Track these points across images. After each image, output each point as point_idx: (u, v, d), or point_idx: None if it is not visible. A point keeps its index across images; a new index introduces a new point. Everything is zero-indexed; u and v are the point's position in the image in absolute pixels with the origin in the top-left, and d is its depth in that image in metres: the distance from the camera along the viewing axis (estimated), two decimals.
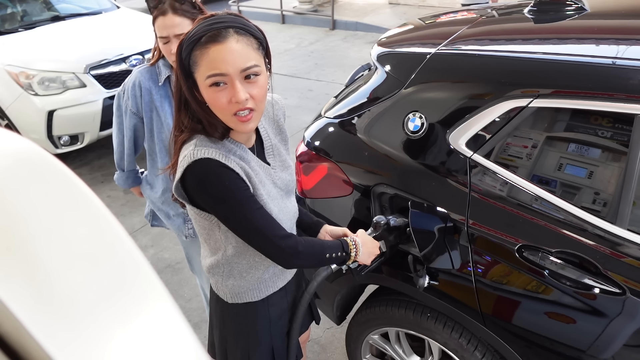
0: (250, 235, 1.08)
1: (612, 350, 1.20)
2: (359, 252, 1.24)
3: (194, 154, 1.01)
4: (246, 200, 1.05)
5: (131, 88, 1.67)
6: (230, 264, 1.18)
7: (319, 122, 1.80)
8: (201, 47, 0.98)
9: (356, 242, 1.24)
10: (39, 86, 3.55)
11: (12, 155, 0.42)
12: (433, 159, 1.46)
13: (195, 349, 0.38)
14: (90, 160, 4.17)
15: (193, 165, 1.01)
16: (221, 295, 1.27)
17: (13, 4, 4.39)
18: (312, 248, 1.15)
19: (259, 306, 1.27)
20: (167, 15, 1.51)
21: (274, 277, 1.26)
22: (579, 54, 1.33)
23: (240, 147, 1.11)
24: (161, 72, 1.65)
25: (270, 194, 1.14)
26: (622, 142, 1.20)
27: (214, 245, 1.17)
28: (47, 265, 0.35)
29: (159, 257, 2.96)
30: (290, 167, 1.26)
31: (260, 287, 1.25)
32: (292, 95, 5.23)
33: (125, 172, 1.89)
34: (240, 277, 1.20)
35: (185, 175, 1.03)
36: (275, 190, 1.18)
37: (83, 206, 0.42)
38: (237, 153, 1.09)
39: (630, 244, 1.15)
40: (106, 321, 0.35)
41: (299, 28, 8.11)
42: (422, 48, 1.63)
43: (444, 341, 1.54)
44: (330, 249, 1.19)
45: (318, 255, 1.17)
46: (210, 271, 1.23)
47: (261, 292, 1.26)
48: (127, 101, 1.70)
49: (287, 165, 1.25)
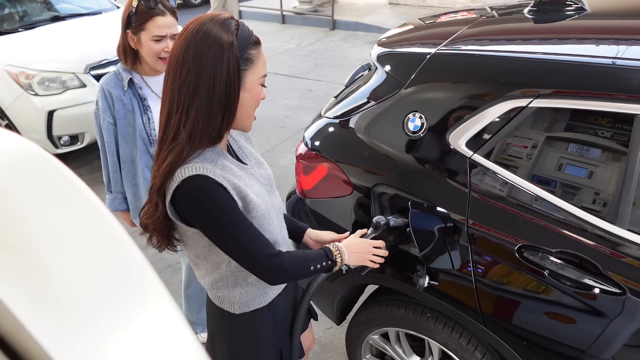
0: (237, 254, 1.08)
1: (612, 350, 1.20)
2: (344, 257, 1.21)
3: (182, 173, 1.00)
4: (235, 218, 1.04)
5: (103, 100, 1.68)
6: (234, 274, 1.17)
7: (319, 122, 1.80)
8: (256, 47, 1.05)
9: (339, 247, 1.22)
10: (39, 86, 3.54)
11: (11, 155, 0.42)
12: (433, 159, 1.46)
13: (195, 349, 0.38)
14: (90, 160, 4.17)
15: (182, 184, 1.00)
16: (226, 308, 1.24)
17: (13, 4, 4.39)
18: (297, 262, 1.14)
19: (265, 312, 1.26)
20: (166, 15, 1.60)
21: None
22: (579, 54, 1.32)
23: (221, 154, 1.10)
24: (123, 77, 1.68)
25: (258, 194, 1.14)
26: (622, 142, 1.20)
27: (216, 260, 1.15)
28: (47, 266, 0.35)
29: (159, 257, 2.97)
30: (263, 163, 1.27)
31: (266, 290, 1.24)
32: (292, 95, 5.23)
33: (113, 193, 1.85)
34: (246, 283, 1.19)
35: (175, 196, 1.02)
36: (261, 188, 1.18)
37: (83, 206, 0.42)
38: (218, 162, 1.07)
39: (630, 244, 1.15)
40: (107, 322, 0.35)
41: (299, 28, 8.11)
42: (422, 48, 1.63)
43: (444, 341, 1.54)
44: (314, 260, 1.17)
45: (303, 269, 1.16)
46: (214, 287, 1.20)
47: (267, 297, 1.25)
48: (102, 114, 1.70)
49: (260, 161, 1.26)
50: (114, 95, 1.67)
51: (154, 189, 1.05)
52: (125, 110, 1.68)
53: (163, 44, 1.61)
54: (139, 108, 1.69)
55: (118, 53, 1.69)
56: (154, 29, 1.58)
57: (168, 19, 1.60)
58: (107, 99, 1.68)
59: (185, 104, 1.00)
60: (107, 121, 1.70)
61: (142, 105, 1.69)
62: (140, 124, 1.68)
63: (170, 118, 1.02)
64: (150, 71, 1.72)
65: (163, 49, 1.61)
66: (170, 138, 1.02)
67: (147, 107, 1.69)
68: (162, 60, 1.63)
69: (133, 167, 1.76)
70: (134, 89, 1.69)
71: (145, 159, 1.72)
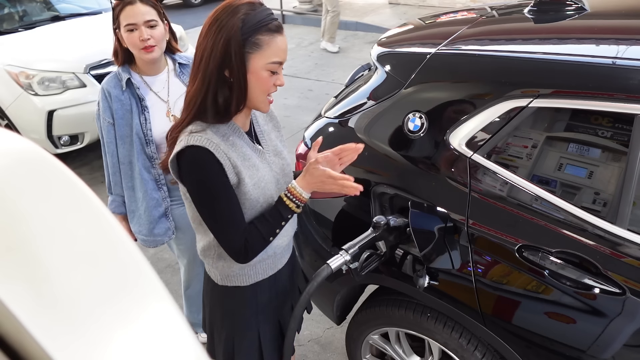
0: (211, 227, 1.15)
1: (612, 350, 1.20)
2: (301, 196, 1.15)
3: (188, 140, 1.07)
4: (216, 196, 1.10)
5: (103, 100, 1.70)
6: (220, 247, 1.20)
7: (319, 122, 1.80)
8: (270, 33, 1.07)
9: (289, 189, 1.16)
10: (39, 86, 3.54)
11: (11, 155, 0.42)
12: (433, 159, 1.46)
13: (195, 349, 0.38)
14: (90, 160, 4.17)
15: (185, 149, 1.08)
16: (212, 277, 1.32)
17: (13, 4, 4.39)
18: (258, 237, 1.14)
19: (247, 291, 1.30)
20: (135, 4, 1.61)
21: (264, 264, 1.29)
22: (579, 54, 1.32)
23: (236, 132, 1.16)
24: (122, 77, 1.68)
25: (260, 180, 1.16)
26: (622, 142, 1.20)
27: (206, 229, 1.19)
28: (47, 266, 0.35)
29: (159, 257, 2.96)
30: (282, 153, 1.30)
31: (250, 272, 1.28)
32: (292, 95, 5.22)
33: (112, 195, 1.85)
34: (230, 260, 1.21)
35: (177, 160, 1.11)
36: (270, 174, 1.21)
37: (83, 206, 0.42)
38: (230, 139, 1.13)
39: (630, 244, 1.15)
40: (107, 322, 0.35)
41: (299, 28, 8.10)
42: (422, 48, 1.63)
43: (444, 341, 1.54)
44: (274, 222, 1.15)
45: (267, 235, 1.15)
46: (203, 253, 1.28)
47: (250, 278, 1.29)
48: (102, 115, 1.71)
49: (278, 150, 1.29)
50: (112, 95, 1.67)
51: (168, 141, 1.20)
52: (123, 110, 1.68)
53: (137, 33, 1.60)
54: (136, 108, 1.69)
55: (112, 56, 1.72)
56: (124, 20, 1.60)
57: (137, 7, 1.60)
58: (107, 98, 1.69)
59: (194, 76, 1.11)
60: (107, 121, 1.70)
61: (140, 105, 1.69)
62: (137, 123, 1.68)
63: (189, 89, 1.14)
64: (148, 70, 1.72)
65: (139, 38, 1.60)
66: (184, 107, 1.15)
67: (144, 107, 1.69)
68: (144, 50, 1.62)
69: (130, 169, 1.75)
70: (132, 88, 1.69)
71: (142, 159, 1.71)
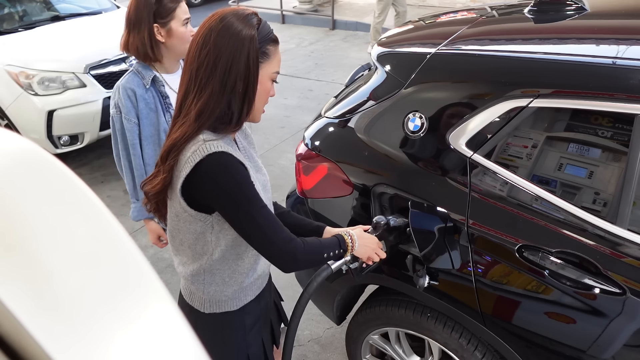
0: (253, 234, 1.08)
1: (612, 350, 1.20)
2: (354, 245, 1.25)
3: (207, 148, 1.02)
4: (254, 197, 1.07)
5: (127, 99, 1.62)
6: (212, 271, 1.17)
7: (319, 122, 1.80)
8: (274, 43, 1.11)
9: (351, 235, 1.25)
10: (38, 86, 3.54)
11: (11, 155, 0.42)
12: (433, 159, 1.46)
13: (195, 349, 0.38)
14: (90, 160, 4.17)
15: (207, 159, 1.02)
16: (196, 306, 1.23)
17: (13, 4, 4.38)
18: (310, 249, 1.15)
19: (235, 316, 1.25)
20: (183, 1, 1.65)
21: (253, 285, 1.26)
22: (579, 54, 1.33)
23: (233, 145, 1.14)
24: (144, 75, 1.65)
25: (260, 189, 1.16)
26: (622, 142, 1.20)
27: (200, 250, 1.15)
28: (47, 266, 0.35)
29: (159, 257, 2.96)
30: (262, 168, 1.28)
31: (240, 295, 1.24)
32: (292, 95, 5.22)
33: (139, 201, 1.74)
34: (223, 283, 1.19)
35: (196, 170, 1.03)
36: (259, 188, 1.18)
37: (83, 206, 0.42)
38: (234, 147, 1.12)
39: (630, 244, 1.15)
40: (107, 322, 0.35)
41: (299, 28, 8.10)
42: (422, 48, 1.63)
43: (444, 341, 1.54)
44: (327, 248, 1.20)
45: (316, 256, 1.18)
46: (191, 279, 1.20)
47: (240, 301, 1.25)
48: (126, 115, 1.64)
49: (259, 166, 1.26)
50: (137, 94, 1.63)
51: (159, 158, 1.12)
52: (148, 109, 1.65)
53: (189, 27, 1.63)
54: (161, 106, 1.66)
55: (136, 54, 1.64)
56: (182, 13, 1.61)
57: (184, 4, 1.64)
58: (131, 98, 1.63)
59: (201, 84, 1.05)
60: (133, 122, 1.64)
61: (163, 104, 1.66)
62: (163, 122, 1.65)
63: (187, 97, 1.08)
64: (170, 67, 1.70)
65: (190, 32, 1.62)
66: (183, 115, 1.08)
67: (169, 105, 1.67)
68: None
69: None
70: (156, 87, 1.66)
71: None
